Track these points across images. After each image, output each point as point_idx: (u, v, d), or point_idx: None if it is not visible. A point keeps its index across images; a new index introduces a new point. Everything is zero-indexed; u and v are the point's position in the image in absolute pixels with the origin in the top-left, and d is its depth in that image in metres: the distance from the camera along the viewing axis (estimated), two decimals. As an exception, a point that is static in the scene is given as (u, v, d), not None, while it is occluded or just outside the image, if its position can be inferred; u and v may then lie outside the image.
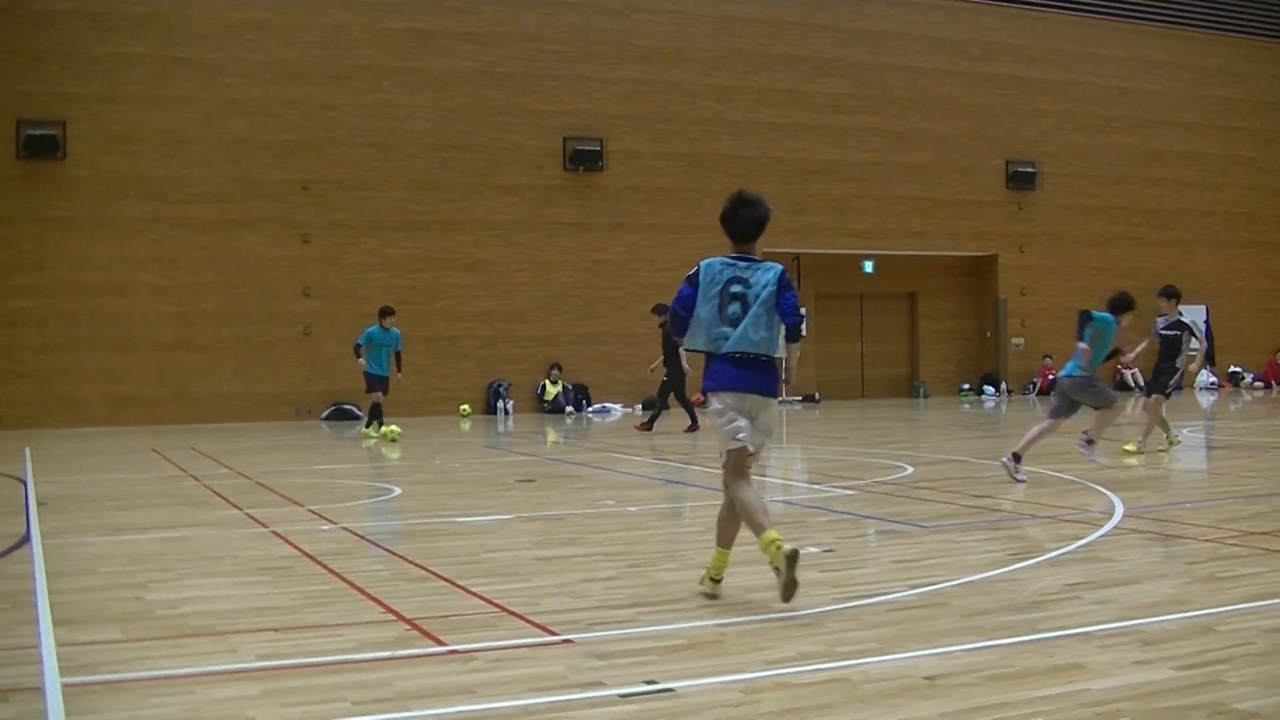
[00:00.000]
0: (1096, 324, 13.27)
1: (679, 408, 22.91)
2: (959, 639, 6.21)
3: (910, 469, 15.01)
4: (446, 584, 7.95)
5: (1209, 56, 38.93)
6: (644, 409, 23.23)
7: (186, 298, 27.76)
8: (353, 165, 29.10)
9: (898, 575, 7.98)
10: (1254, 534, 9.31)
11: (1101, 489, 12.20)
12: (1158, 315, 16.63)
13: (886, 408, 31.19)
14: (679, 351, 21.01)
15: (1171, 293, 16.40)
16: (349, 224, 29.05)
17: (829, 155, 33.62)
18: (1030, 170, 35.82)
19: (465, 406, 28.63)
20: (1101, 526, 9.84)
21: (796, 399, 33.33)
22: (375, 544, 9.70)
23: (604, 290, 30.61)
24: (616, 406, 30.59)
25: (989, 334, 36.23)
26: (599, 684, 5.52)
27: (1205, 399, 32.48)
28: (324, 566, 8.61)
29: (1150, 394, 16.65)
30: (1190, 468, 15.91)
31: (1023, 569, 8.09)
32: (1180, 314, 16.35)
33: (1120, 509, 10.71)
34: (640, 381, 28.97)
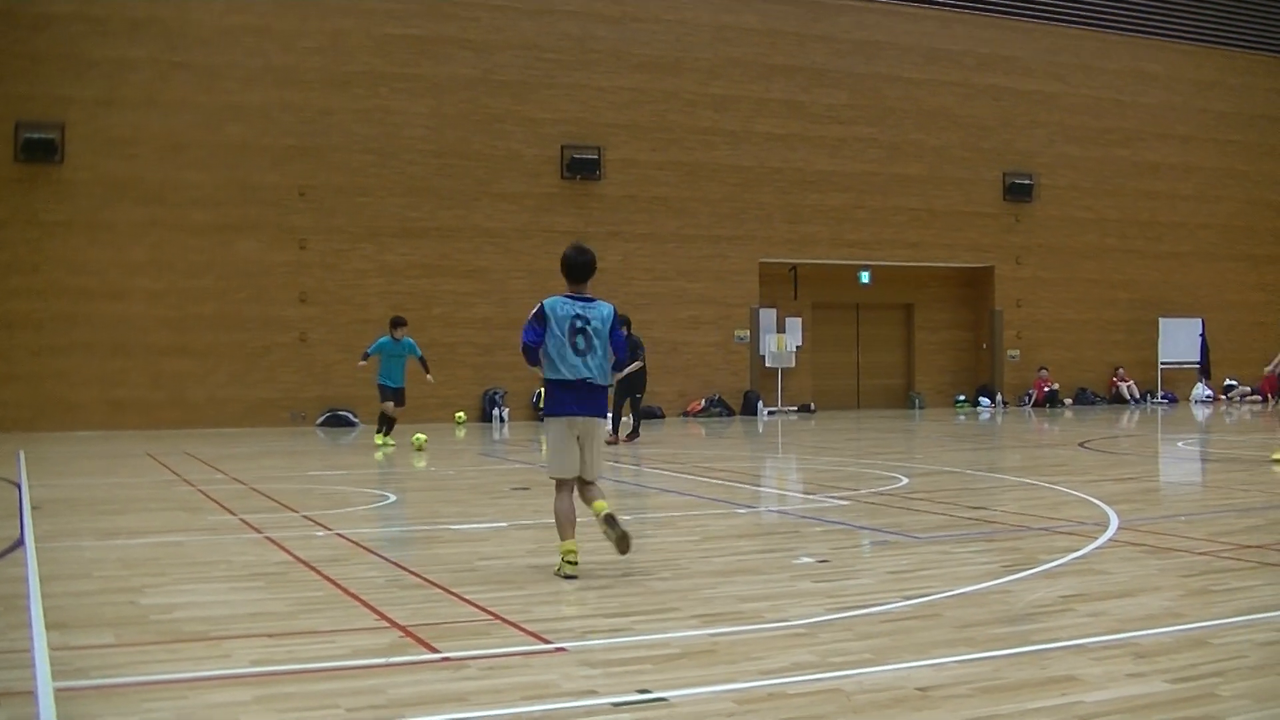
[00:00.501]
0: None
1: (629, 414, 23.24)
2: (952, 650, 6.22)
3: (905, 480, 15.01)
4: (440, 591, 7.96)
5: (1204, 69, 38.97)
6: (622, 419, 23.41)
7: (183, 302, 27.69)
8: (350, 171, 29.06)
9: (892, 586, 7.99)
10: (1248, 547, 9.33)
11: (1096, 501, 12.21)
12: None
13: (882, 418, 31.19)
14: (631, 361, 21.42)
15: None
16: (346, 230, 28.99)
17: (826, 166, 33.61)
18: (1028, 182, 35.81)
19: (461, 414, 28.58)
20: (1096, 539, 9.85)
21: (792, 409, 33.31)
22: (369, 550, 9.70)
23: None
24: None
25: (985, 345, 36.22)
26: (592, 692, 5.53)
27: (1200, 412, 32.49)
28: (318, 573, 8.61)
29: None
30: (1184, 481, 15.93)
31: (1017, 581, 8.09)
32: None
33: (1115, 521, 10.72)
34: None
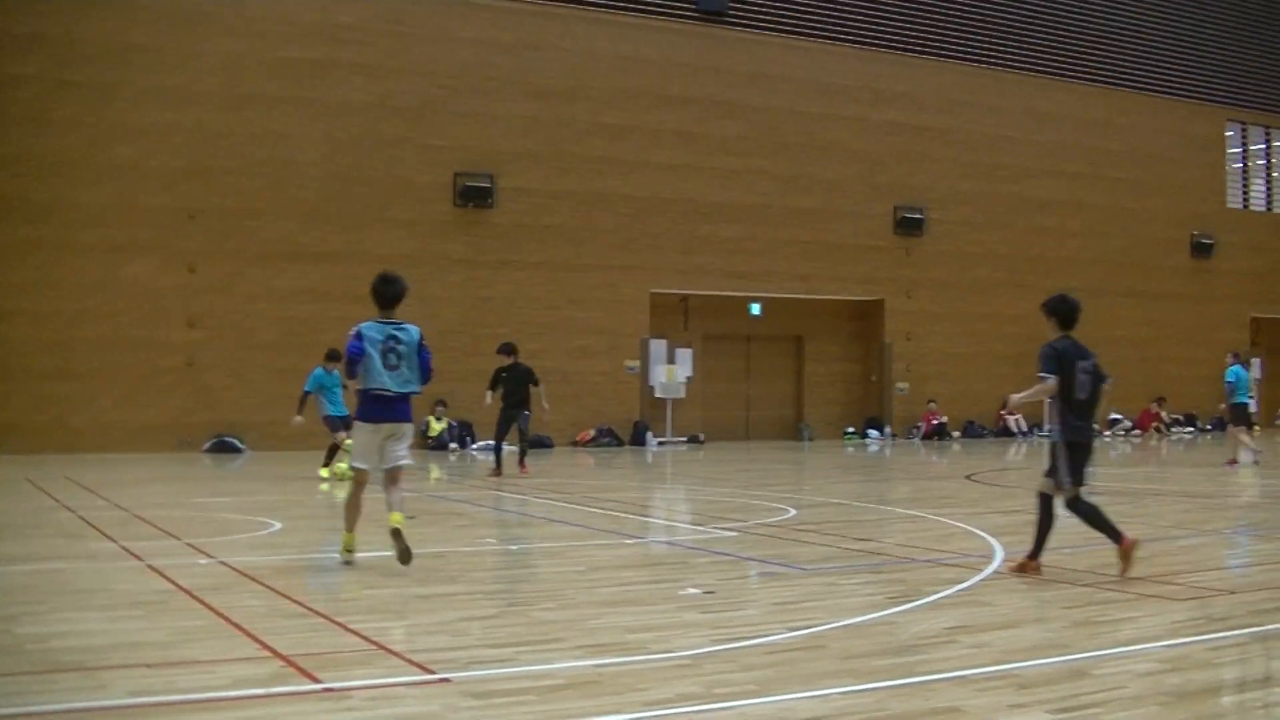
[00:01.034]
0: None
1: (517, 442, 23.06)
2: (837, 681, 6.26)
3: (793, 511, 15.10)
4: (323, 620, 7.87)
5: (1091, 109, 39.77)
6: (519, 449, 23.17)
7: (67, 324, 27.16)
8: (242, 194, 28.70)
9: (777, 617, 8.02)
10: (1130, 579, 9.47)
11: (981, 533, 12.36)
12: None
13: (771, 449, 31.36)
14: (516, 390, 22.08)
15: None
16: (237, 254, 28.59)
17: (719, 197, 33.77)
18: (918, 216, 36.26)
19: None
20: (981, 571, 9.96)
21: (681, 439, 33.38)
22: (253, 579, 9.56)
23: (490, 328, 30.12)
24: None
25: (874, 378, 36.55)
26: (475, 724, 5.49)
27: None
28: (200, 601, 8.47)
29: None
30: (1069, 514, 16.15)
31: (901, 612, 8.17)
32: None
33: (1000, 553, 10.85)
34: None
